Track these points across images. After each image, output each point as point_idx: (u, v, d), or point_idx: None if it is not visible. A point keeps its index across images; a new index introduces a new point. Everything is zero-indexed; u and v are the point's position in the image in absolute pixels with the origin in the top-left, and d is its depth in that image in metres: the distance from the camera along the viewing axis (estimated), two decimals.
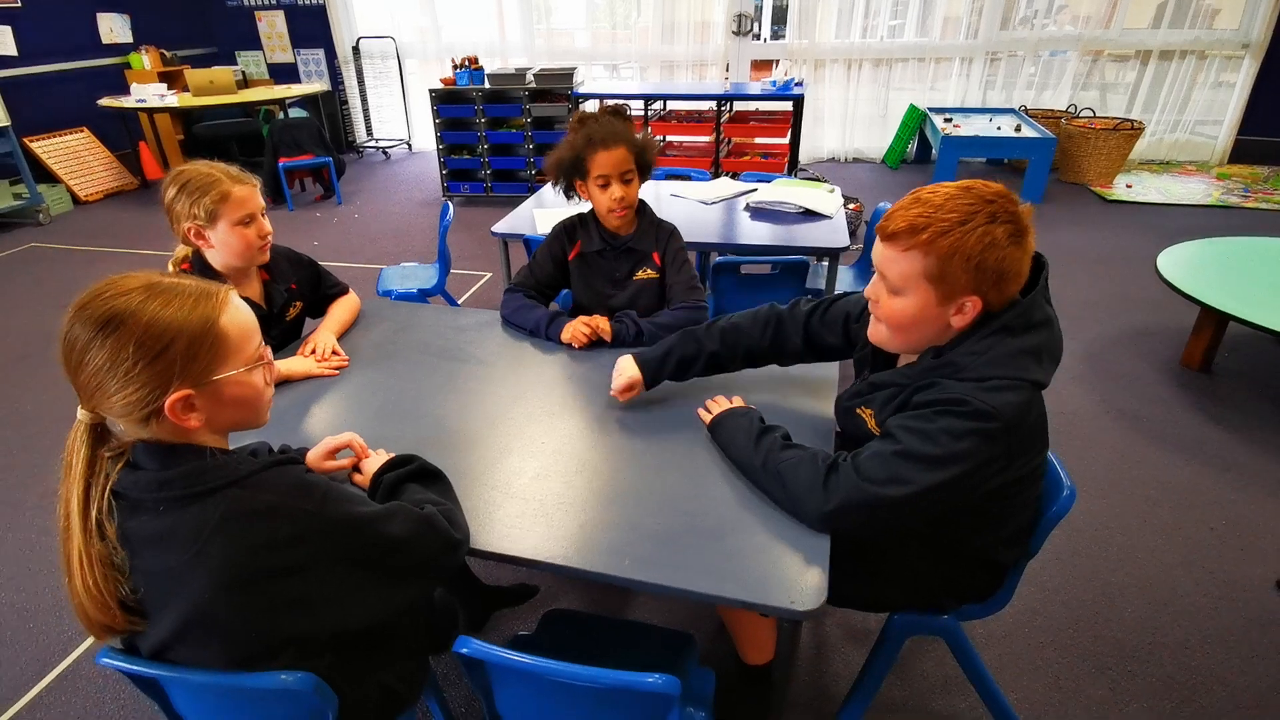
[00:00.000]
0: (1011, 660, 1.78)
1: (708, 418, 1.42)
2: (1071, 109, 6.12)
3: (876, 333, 1.24)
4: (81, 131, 6.39)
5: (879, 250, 1.17)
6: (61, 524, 0.90)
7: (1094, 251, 4.36)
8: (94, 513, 0.89)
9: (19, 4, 5.89)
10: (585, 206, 2.00)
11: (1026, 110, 6.19)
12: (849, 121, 6.88)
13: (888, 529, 1.18)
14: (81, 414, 0.91)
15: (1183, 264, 2.99)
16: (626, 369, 1.51)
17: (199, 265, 1.72)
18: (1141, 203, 5.26)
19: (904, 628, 1.42)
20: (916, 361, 1.21)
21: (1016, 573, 1.34)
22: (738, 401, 1.44)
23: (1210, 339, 2.91)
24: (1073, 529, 2.18)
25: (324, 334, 1.83)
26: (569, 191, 1.94)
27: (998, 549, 1.28)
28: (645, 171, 1.89)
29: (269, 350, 1.02)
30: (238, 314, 0.96)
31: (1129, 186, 5.55)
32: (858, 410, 1.30)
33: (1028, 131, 5.45)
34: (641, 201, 1.96)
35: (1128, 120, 5.57)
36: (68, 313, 0.88)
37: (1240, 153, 6.11)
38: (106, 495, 0.90)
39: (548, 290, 2.05)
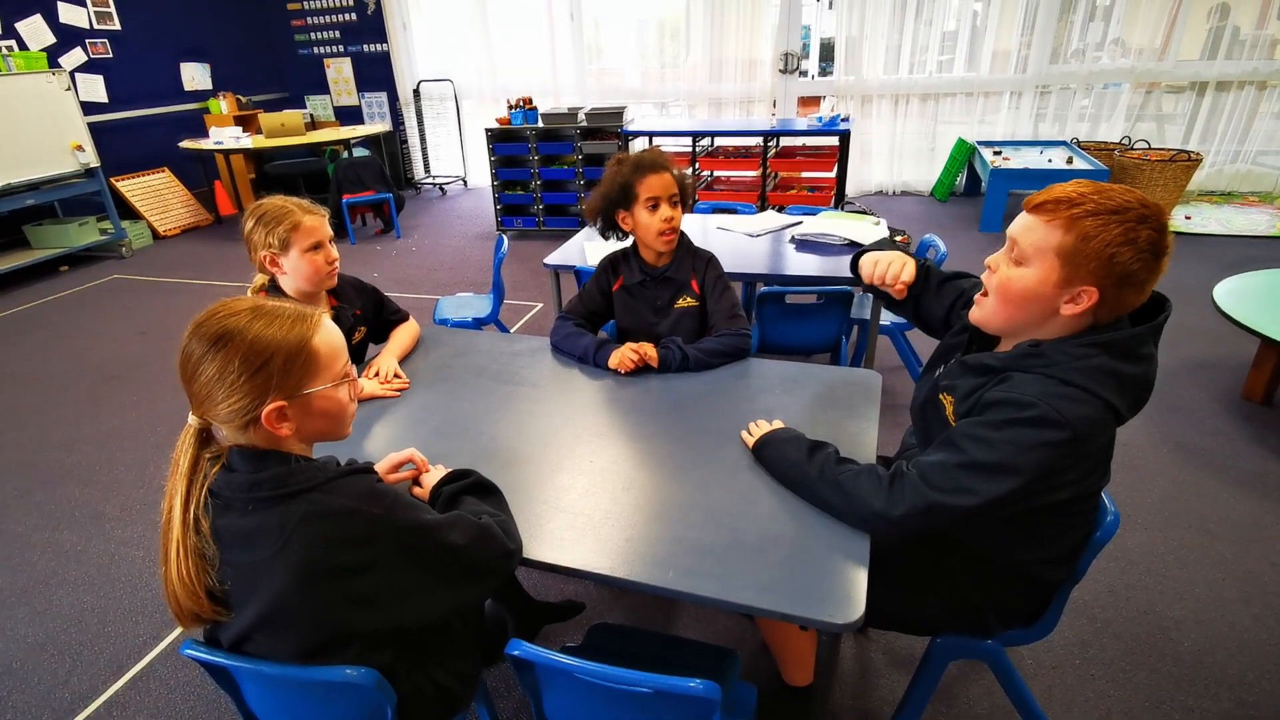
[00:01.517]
0: (1061, 691, 1.75)
1: (751, 440, 1.46)
2: (1125, 141, 6.03)
3: (980, 308, 1.25)
4: (163, 172, 6.81)
5: (1021, 219, 1.17)
6: (164, 517, 1.00)
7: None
8: (193, 508, 0.98)
9: (110, 55, 6.35)
10: (624, 244, 2.09)
11: (1079, 143, 6.12)
12: (896, 155, 6.90)
13: (951, 534, 1.19)
14: (192, 420, 1.01)
15: (1240, 295, 2.92)
16: (905, 259, 1.43)
17: (274, 292, 1.84)
18: (1201, 234, 5.14)
19: (947, 650, 1.42)
20: (1013, 349, 1.21)
21: (1061, 596, 1.34)
22: (778, 424, 1.49)
23: (1271, 371, 2.83)
24: (1128, 561, 2.14)
25: (387, 358, 1.93)
26: (608, 229, 2.02)
27: (1044, 567, 1.29)
28: (685, 201, 1.98)
29: (354, 369, 1.11)
30: (329, 335, 1.06)
31: (1188, 218, 5.43)
32: (940, 395, 1.30)
33: (1079, 164, 5.40)
34: (681, 232, 2.03)
35: (1184, 152, 5.47)
36: (187, 330, 0.99)
37: None
38: (204, 493, 1.00)
39: (596, 319, 2.13)
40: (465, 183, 8.16)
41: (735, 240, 3.08)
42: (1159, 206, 1.10)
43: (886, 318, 2.93)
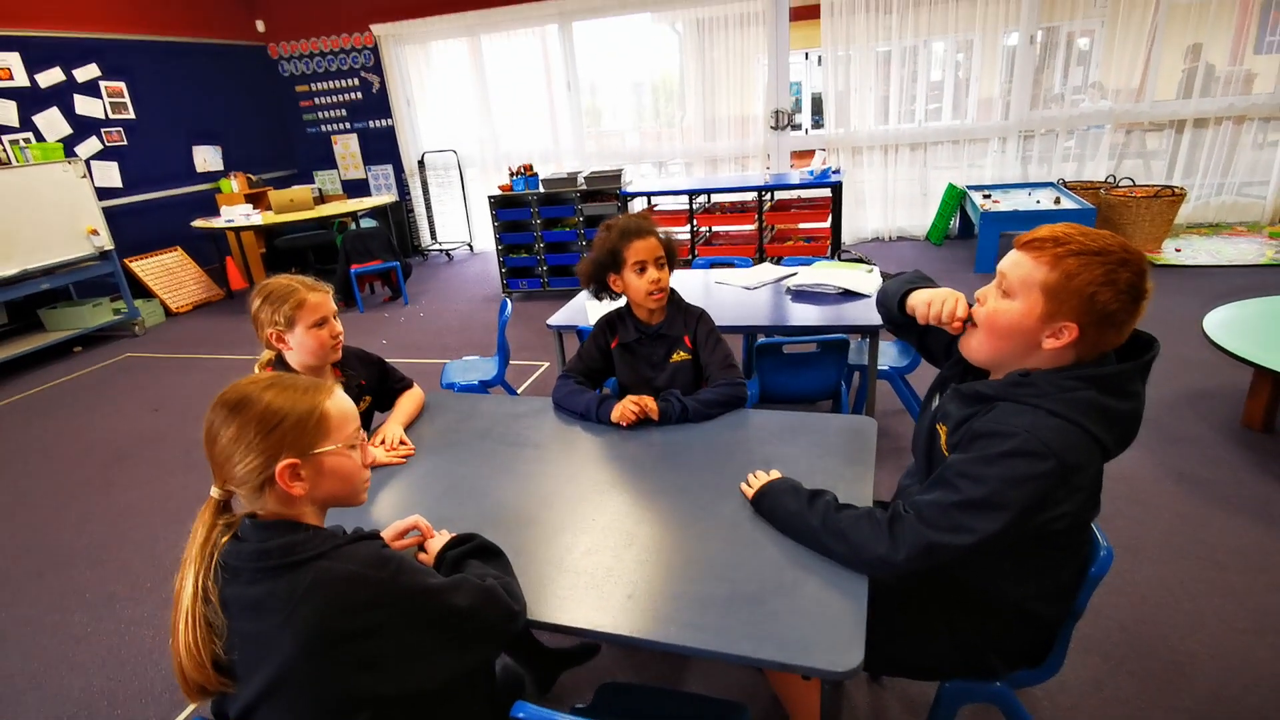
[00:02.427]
0: None
1: (750, 491, 1.49)
2: (1110, 179, 6.15)
3: (967, 340, 1.31)
4: (175, 251, 7.00)
5: (1011, 255, 1.23)
6: (177, 587, 1.03)
7: (1144, 316, 4.30)
8: (202, 577, 1.02)
9: (125, 142, 6.60)
10: (618, 303, 2.17)
11: (1065, 183, 6.25)
12: (890, 202, 7.04)
13: (949, 574, 1.21)
14: (214, 490, 1.07)
15: (1230, 325, 2.96)
16: (958, 295, 1.43)
17: (280, 367, 1.90)
18: (1191, 266, 5.20)
19: (955, 695, 1.42)
20: (1004, 377, 1.25)
21: (1064, 634, 1.35)
22: (775, 474, 1.51)
23: (1268, 398, 2.84)
24: (1137, 596, 2.13)
25: (392, 426, 1.97)
26: (600, 291, 2.11)
27: (1038, 604, 1.30)
28: (672, 262, 2.06)
29: (364, 435, 1.17)
30: (340, 402, 1.13)
31: (1178, 251, 5.51)
32: (936, 425, 1.34)
33: (1066, 203, 5.51)
34: (671, 290, 2.11)
35: (1168, 187, 5.58)
36: (212, 402, 1.07)
37: None
38: (214, 562, 1.03)
39: (596, 377, 2.19)
40: (471, 248, 8.34)
41: (733, 294, 3.14)
42: (1141, 253, 1.15)
43: (884, 363, 2.96)
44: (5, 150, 5.60)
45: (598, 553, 1.40)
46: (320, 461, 1.09)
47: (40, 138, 5.93)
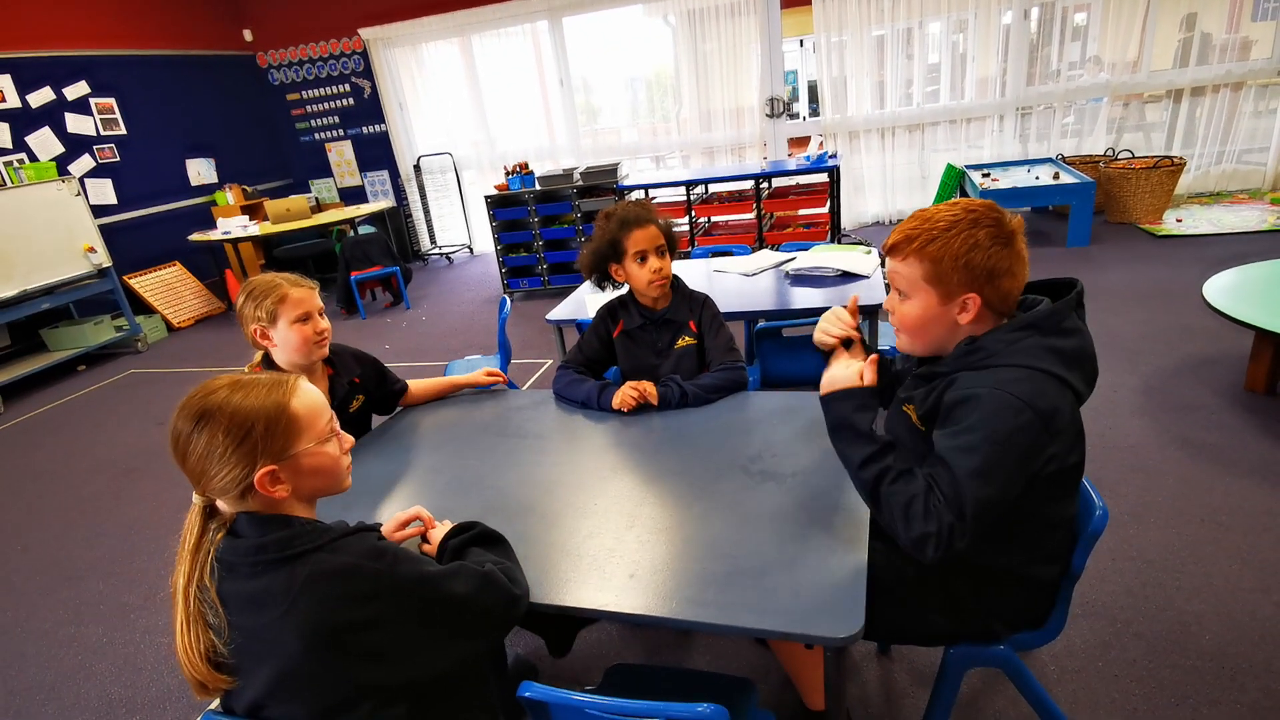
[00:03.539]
0: (1086, 694, 1.73)
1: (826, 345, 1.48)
2: (1109, 152, 6.13)
3: (900, 341, 1.36)
4: (174, 266, 7.03)
5: (887, 263, 1.31)
6: (173, 591, 1.05)
7: (1146, 286, 4.31)
8: (197, 577, 1.03)
9: (118, 159, 6.62)
10: (620, 292, 2.18)
11: (1064, 158, 6.23)
12: (889, 186, 7.02)
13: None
14: (195, 499, 1.07)
15: (1230, 290, 2.95)
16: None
17: (268, 366, 1.91)
18: (1193, 235, 5.18)
19: (961, 660, 1.43)
20: (954, 350, 1.28)
21: (1063, 596, 1.35)
22: (868, 377, 1.34)
23: (1270, 361, 2.84)
24: (1143, 560, 2.13)
25: (471, 376, 2.21)
26: (602, 281, 2.11)
27: (1034, 567, 1.31)
28: (673, 248, 2.06)
29: (338, 424, 1.17)
30: (306, 396, 1.12)
31: (1179, 221, 5.48)
32: (904, 408, 1.37)
33: (1066, 178, 5.48)
34: (675, 275, 2.11)
35: (1167, 157, 5.55)
36: (173, 413, 1.06)
37: None
38: (210, 559, 1.04)
39: (597, 367, 2.19)
40: (471, 250, 8.34)
41: (733, 281, 3.14)
42: (987, 203, 1.22)
43: (884, 343, 2.96)
44: None
45: (599, 535, 1.40)
46: (298, 463, 1.09)
47: (33, 157, 5.96)
